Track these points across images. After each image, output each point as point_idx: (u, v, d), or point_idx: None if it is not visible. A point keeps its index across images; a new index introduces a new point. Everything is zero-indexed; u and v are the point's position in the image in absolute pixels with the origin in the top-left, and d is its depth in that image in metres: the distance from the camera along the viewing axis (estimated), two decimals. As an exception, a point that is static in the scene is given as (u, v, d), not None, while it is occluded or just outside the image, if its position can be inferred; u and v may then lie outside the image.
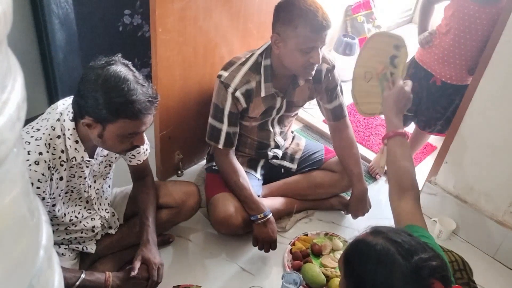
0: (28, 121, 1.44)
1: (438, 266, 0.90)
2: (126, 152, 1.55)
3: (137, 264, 1.54)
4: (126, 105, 1.30)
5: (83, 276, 1.46)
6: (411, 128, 2.47)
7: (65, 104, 1.44)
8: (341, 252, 1.93)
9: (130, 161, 1.71)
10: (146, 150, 1.71)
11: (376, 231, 0.99)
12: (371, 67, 1.65)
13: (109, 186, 1.74)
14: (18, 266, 0.48)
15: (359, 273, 0.96)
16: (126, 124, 1.34)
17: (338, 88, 1.98)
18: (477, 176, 2.05)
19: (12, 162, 0.48)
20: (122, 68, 1.33)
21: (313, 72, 1.77)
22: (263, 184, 2.10)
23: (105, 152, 1.55)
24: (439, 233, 2.14)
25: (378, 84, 1.64)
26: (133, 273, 1.51)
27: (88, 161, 1.47)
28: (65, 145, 1.39)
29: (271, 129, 2.02)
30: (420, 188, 2.28)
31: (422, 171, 2.47)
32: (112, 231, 1.74)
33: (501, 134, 1.89)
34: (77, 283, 1.44)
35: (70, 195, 1.53)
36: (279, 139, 2.09)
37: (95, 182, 1.60)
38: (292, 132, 2.27)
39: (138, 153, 1.68)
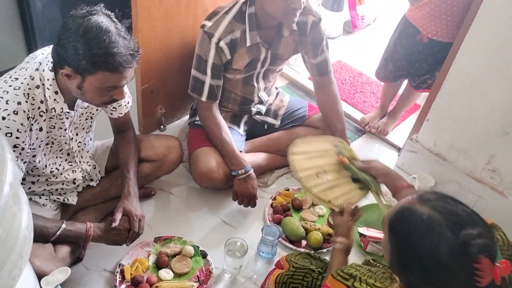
0: (6, 71, 1.41)
1: (486, 245, 0.89)
2: (106, 105, 1.53)
3: (118, 216, 1.55)
4: (107, 57, 1.27)
5: (63, 226, 1.47)
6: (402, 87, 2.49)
7: (44, 54, 1.40)
8: (322, 206, 1.98)
9: (111, 113, 1.69)
10: (128, 103, 1.69)
11: (423, 199, 0.97)
12: (318, 167, 1.60)
13: (90, 139, 1.73)
14: None
15: (404, 241, 0.95)
16: (106, 77, 1.31)
17: (324, 42, 1.96)
18: (457, 134, 2.07)
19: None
20: (104, 18, 1.29)
21: (295, 19, 1.74)
22: (246, 139, 2.10)
23: (86, 104, 1.52)
24: (417, 189, 2.18)
25: (345, 173, 1.61)
26: (114, 224, 1.53)
27: (68, 112, 1.45)
28: (44, 96, 1.37)
29: (255, 84, 2.00)
30: (401, 146, 2.34)
31: (404, 129, 2.50)
32: (94, 183, 1.74)
33: (482, 93, 1.90)
34: (58, 232, 1.46)
35: (51, 147, 1.52)
36: (263, 95, 2.08)
37: (77, 135, 1.58)
38: (277, 88, 2.26)
39: (119, 106, 1.66)
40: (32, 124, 1.36)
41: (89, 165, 1.70)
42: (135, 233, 1.58)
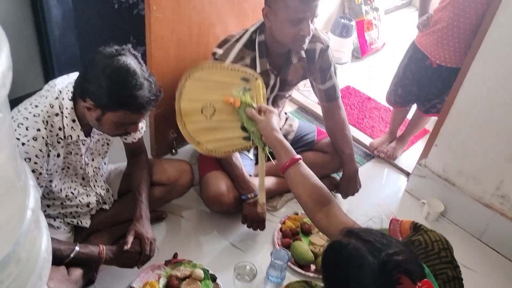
0: (25, 97, 1.47)
1: (402, 260, 0.90)
2: (119, 136, 1.59)
3: (130, 238, 1.58)
4: (131, 99, 1.33)
5: (77, 248, 1.50)
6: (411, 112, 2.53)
7: (64, 83, 1.46)
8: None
9: (126, 139, 1.74)
10: (142, 128, 1.74)
11: (349, 232, 0.99)
12: (208, 101, 1.46)
13: (105, 163, 1.77)
14: (6, 224, 0.51)
15: (332, 273, 0.97)
16: (126, 115, 1.37)
17: (332, 68, 2.00)
18: (466, 159, 2.08)
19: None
20: (131, 60, 1.35)
21: (305, 46, 1.78)
22: (256, 164, 2.13)
23: None
24: (427, 215, 2.18)
25: (237, 117, 1.46)
26: (126, 247, 1.55)
27: (84, 140, 1.50)
28: (63, 123, 1.42)
29: (265, 110, 2.04)
30: (410, 171, 2.35)
31: (413, 153, 2.52)
32: (107, 207, 1.77)
33: (490, 118, 1.92)
34: (72, 255, 1.48)
35: (67, 171, 1.56)
36: (272, 120, 2.11)
37: (93, 160, 1.63)
38: (286, 113, 2.29)
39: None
40: (50, 150, 1.41)
41: (103, 189, 1.74)
42: (146, 256, 1.60)
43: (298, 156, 1.37)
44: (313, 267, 1.86)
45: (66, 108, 1.41)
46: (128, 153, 1.81)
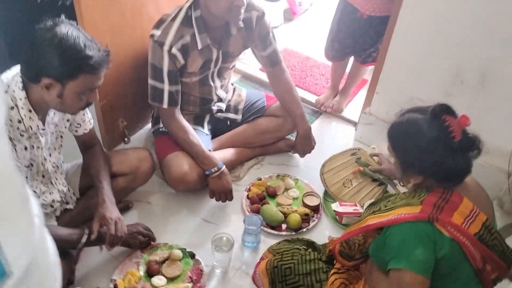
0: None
1: (442, 105, 1.21)
2: (81, 110, 1.57)
3: (96, 226, 1.58)
4: (86, 59, 1.35)
5: (85, 234, 1.56)
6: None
7: (7, 77, 1.42)
8: (294, 189, 2.08)
9: (77, 131, 1.71)
10: (90, 119, 1.72)
11: (401, 114, 1.30)
12: (344, 178, 2.08)
13: (62, 162, 1.73)
14: (26, 231, 0.52)
15: (400, 140, 1.27)
16: (86, 79, 1.39)
17: (271, 34, 2.04)
18: (406, 102, 2.20)
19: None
20: (71, 27, 1.37)
21: (241, 16, 1.80)
22: (212, 138, 2.16)
23: (56, 119, 1.56)
24: (378, 159, 2.32)
25: (366, 177, 2.09)
26: (93, 236, 1.56)
27: (43, 129, 1.49)
28: (20, 115, 1.40)
29: (212, 84, 2.06)
30: (357, 120, 2.47)
31: (357, 104, 2.64)
32: (71, 206, 1.75)
33: (423, 59, 2.04)
34: (82, 240, 1.55)
35: (31, 170, 1.54)
36: (220, 93, 2.14)
37: (50, 155, 1.60)
38: (232, 84, 2.32)
39: (83, 122, 1.70)
40: (15, 145, 1.39)
41: (65, 186, 1.71)
42: (112, 236, 1.59)
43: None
44: (284, 226, 1.95)
45: (20, 99, 1.39)
46: (82, 146, 1.79)
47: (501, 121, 1.98)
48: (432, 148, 1.19)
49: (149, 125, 2.32)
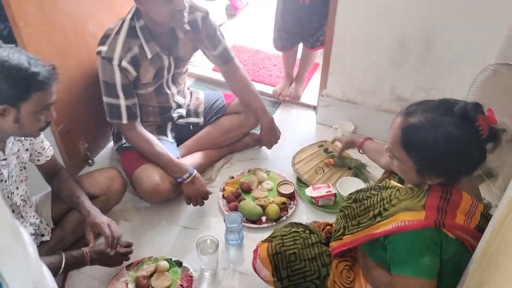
0: None
1: (476, 105, 1.10)
2: (41, 131, 1.52)
3: (90, 235, 1.59)
4: (33, 77, 1.33)
5: (64, 257, 1.53)
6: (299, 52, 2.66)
7: None
8: (268, 181, 2.11)
9: (39, 160, 1.67)
10: (49, 146, 1.70)
11: (410, 112, 1.15)
12: (315, 166, 2.17)
13: (28, 197, 1.68)
14: (24, 262, 0.52)
15: (425, 148, 1.11)
16: (38, 97, 1.37)
17: (218, 32, 2.04)
18: (359, 77, 2.28)
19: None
20: (10, 49, 1.35)
21: (185, 20, 1.80)
22: (178, 145, 2.15)
23: (15, 149, 1.52)
24: (342, 137, 2.38)
25: (337, 164, 2.19)
26: (91, 245, 1.58)
27: (5, 159, 1.45)
28: None
29: (168, 91, 2.05)
30: (316, 104, 2.52)
31: (314, 88, 2.69)
32: (47, 238, 1.70)
33: (370, 33, 2.11)
34: (63, 265, 1.51)
35: None
36: (178, 99, 2.13)
37: (17, 188, 1.56)
38: (188, 88, 2.32)
39: (43, 150, 1.66)
40: None
41: (36, 219, 1.66)
42: (111, 237, 1.59)
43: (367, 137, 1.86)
44: (264, 218, 1.97)
45: None
46: (46, 175, 1.74)
47: (450, 81, 2.07)
48: (466, 151, 1.10)
49: (112, 143, 2.28)
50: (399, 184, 1.30)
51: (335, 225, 1.39)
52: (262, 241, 1.53)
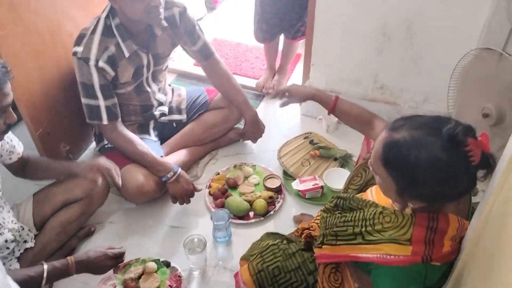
0: None
1: (467, 128, 1.00)
2: (3, 135, 1.47)
3: (95, 175, 1.73)
4: None
5: (45, 268, 1.42)
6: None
7: None
8: (254, 176, 2.09)
9: (11, 158, 1.64)
10: (18, 142, 1.66)
11: (395, 127, 1.05)
12: (301, 159, 2.15)
13: (4, 203, 1.64)
14: None
15: (405, 167, 1.01)
16: None
17: (197, 27, 2.01)
18: (342, 67, 2.27)
19: None
20: None
21: (161, 16, 1.76)
22: (161, 143, 2.12)
23: None
24: (327, 128, 2.37)
25: (324, 158, 2.17)
26: (119, 182, 1.74)
27: None
28: None
29: (148, 89, 2.01)
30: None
31: (296, 79, 2.67)
32: (30, 244, 1.66)
33: (351, 22, 2.09)
34: (44, 277, 1.40)
35: None
36: (160, 97, 2.10)
37: None
38: (170, 85, 2.28)
39: (13, 148, 1.63)
40: None
41: (15, 224, 1.62)
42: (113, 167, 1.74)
43: (335, 96, 1.61)
44: (251, 213, 1.95)
45: None
46: (17, 169, 1.70)
47: (432, 68, 2.07)
48: (451, 177, 0.99)
49: (93, 144, 2.24)
50: (381, 205, 1.18)
51: (319, 225, 1.34)
52: (241, 258, 1.49)
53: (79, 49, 1.75)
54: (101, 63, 1.75)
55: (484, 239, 0.89)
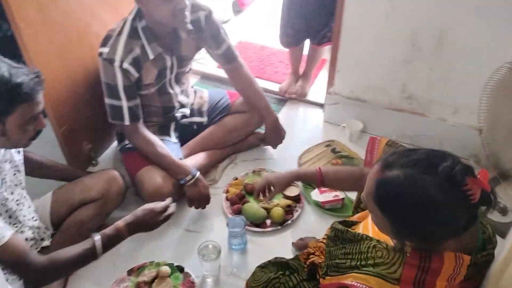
0: None
1: (464, 167, 0.94)
2: (31, 141, 1.47)
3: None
4: (16, 89, 1.26)
5: (96, 239, 1.41)
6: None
7: None
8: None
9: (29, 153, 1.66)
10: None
11: (388, 164, 0.99)
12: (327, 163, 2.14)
13: (24, 197, 1.65)
14: None
15: (398, 208, 0.96)
16: (24, 110, 1.30)
17: (222, 31, 1.99)
18: (368, 74, 2.21)
19: None
20: None
21: (188, 20, 1.75)
22: (181, 145, 2.11)
23: (8, 156, 1.48)
24: (350, 136, 2.32)
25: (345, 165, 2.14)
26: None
27: None
28: None
29: (171, 91, 2.00)
30: (323, 102, 2.46)
31: (321, 85, 2.63)
32: (47, 243, 1.67)
33: (378, 29, 2.04)
34: (97, 247, 1.40)
35: None
36: (182, 98, 2.09)
37: (12, 193, 1.52)
38: (192, 87, 2.27)
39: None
40: None
41: (36, 220, 1.63)
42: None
43: (317, 167, 1.55)
44: (268, 221, 1.92)
45: None
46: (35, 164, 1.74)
47: (463, 79, 1.99)
48: (449, 217, 0.94)
49: (115, 143, 2.25)
50: (375, 238, 1.12)
51: (323, 253, 1.30)
52: (246, 284, 1.46)
53: (105, 50, 1.76)
54: (125, 65, 1.76)
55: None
